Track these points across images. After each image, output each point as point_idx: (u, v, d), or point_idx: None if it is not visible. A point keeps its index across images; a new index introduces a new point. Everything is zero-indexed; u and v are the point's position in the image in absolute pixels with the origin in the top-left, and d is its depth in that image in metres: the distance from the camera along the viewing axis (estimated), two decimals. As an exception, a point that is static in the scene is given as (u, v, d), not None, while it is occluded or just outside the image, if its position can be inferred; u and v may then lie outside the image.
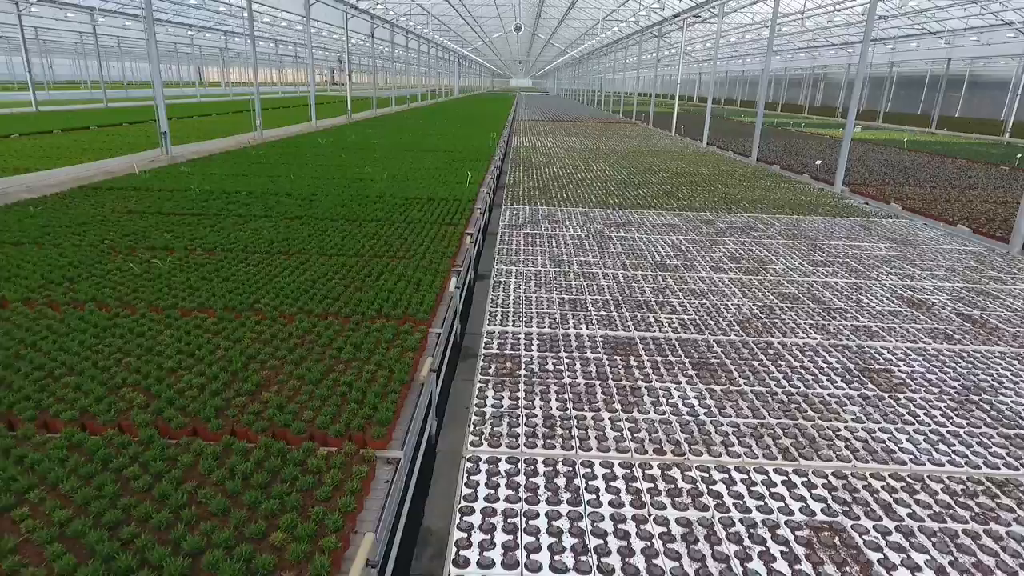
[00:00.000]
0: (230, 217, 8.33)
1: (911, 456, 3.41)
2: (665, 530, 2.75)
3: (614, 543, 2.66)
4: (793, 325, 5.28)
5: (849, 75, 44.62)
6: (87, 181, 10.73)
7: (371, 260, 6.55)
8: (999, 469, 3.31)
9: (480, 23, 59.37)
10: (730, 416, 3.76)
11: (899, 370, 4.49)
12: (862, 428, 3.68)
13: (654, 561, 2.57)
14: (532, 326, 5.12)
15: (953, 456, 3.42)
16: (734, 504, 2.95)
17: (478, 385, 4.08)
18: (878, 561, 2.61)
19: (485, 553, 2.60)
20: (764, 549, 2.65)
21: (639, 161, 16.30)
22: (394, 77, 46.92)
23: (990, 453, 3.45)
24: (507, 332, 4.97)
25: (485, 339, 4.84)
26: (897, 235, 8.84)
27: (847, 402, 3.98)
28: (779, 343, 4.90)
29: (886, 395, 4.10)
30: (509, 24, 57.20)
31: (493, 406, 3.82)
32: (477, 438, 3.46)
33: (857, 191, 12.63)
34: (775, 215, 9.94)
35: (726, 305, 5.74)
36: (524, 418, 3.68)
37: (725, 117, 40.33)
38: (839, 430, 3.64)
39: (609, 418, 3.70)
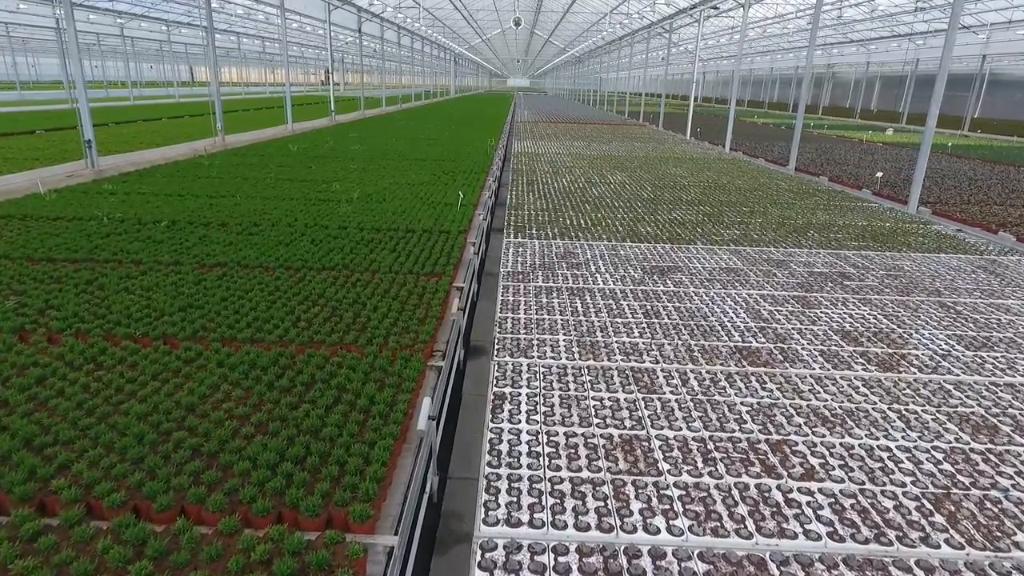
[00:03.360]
0: (124, 265, 5.97)
1: None
2: None
3: None
4: (1035, 509, 2.93)
5: (868, 73, 42.36)
6: (-32, 205, 8.35)
7: (300, 353, 4.20)
8: None
9: (477, 19, 56.94)
10: None
11: None
12: None
13: None
14: (563, 522, 2.75)
15: None
16: None
17: None
18: None
19: None
20: None
21: (661, 171, 13.95)
22: (387, 76, 44.45)
23: None
24: (520, 546, 2.62)
25: (479, 569, 2.49)
26: (1041, 285, 6.51)
27: None
28: (1042, 568, 2.56)
29: None
30: (507, 21, 54.82)
31: None
32: None
33: (940, 213, 10.31)
34: (859, 251, 7.60)
35: (890, 450, 3.38)
36: None
37: (736, 118, 37.97)
38: None
39: None
